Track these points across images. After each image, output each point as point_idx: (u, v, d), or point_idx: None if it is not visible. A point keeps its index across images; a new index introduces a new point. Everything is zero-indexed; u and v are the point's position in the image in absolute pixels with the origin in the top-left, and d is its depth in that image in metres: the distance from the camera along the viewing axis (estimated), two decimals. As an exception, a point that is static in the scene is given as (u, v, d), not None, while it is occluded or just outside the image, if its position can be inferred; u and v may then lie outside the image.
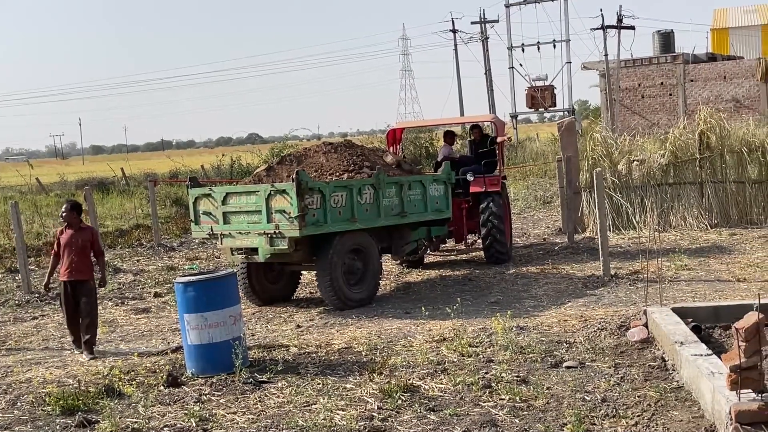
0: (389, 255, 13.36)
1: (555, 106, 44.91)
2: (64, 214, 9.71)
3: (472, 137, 15.73)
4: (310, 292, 12.65)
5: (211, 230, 11.43)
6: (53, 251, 9.73)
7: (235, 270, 10.43)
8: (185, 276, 8.48)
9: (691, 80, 39.78)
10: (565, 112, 43.73)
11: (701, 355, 6.62)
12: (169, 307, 12.34)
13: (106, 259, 10.64)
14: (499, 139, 14.91)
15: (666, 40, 43.42)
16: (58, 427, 6.82)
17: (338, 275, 11.06)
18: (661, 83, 40.40)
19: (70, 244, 9.51)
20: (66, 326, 9.82)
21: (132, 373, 8.32)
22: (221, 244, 11.52)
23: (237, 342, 8.02)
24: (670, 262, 12.60)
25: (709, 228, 16.36)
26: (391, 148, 15.12)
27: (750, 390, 5.45)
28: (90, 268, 9.66)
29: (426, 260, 14.89)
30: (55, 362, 9.28)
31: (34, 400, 7.62)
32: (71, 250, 9.49)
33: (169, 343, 9.88)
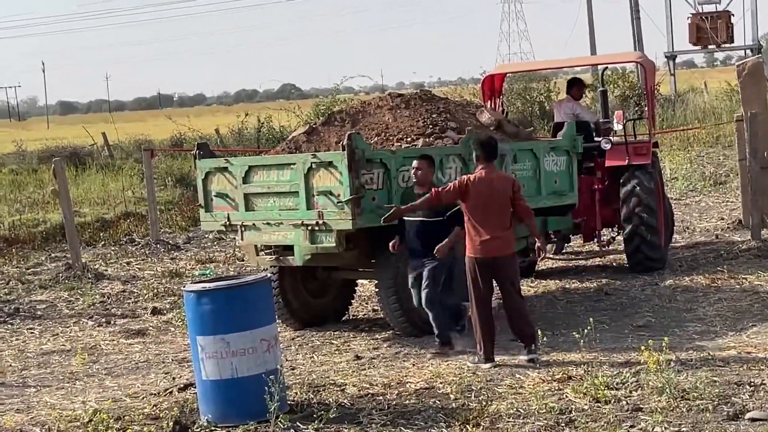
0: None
1: (732, 42, 44.25)
2: None
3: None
4: (373, 309, 12.76)
5: (228, 220, 11.57)
6: None
7: (269, 275, 10.48)
8: (197, 282, 8.64)
9: None
10: (748, 51, 43.02)
11: None
12: (173, 329, 12.60)
13: (84, 260, 10.55)
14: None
15: None
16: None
17: (408, 286, 11.06)
18: None
19: None
20: None
21: (124, 420, 8.50)
22: (242, 239, 11.66)
23: (272, 377, 8.13)
24: None
25: None
26: (489, 103, 15.12)
27: None
28: None
29: (540, 266, 14.89)
30: (14, 403, 9.55)
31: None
32: None
33: (174, 378, 10.08)
